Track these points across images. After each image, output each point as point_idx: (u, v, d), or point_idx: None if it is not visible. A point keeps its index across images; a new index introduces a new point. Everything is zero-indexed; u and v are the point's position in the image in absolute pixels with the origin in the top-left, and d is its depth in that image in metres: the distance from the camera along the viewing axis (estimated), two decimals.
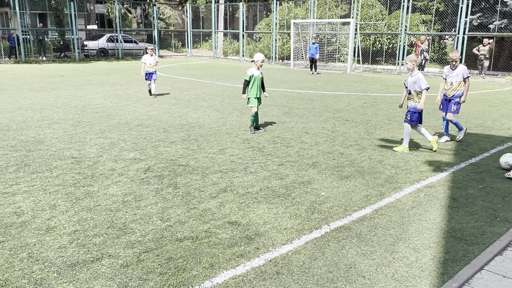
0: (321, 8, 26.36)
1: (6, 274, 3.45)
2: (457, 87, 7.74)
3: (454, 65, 7.76)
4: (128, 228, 4.28)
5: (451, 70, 7.79)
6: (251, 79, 8.15)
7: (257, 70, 8.20)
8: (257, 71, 8.20)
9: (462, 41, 19.72)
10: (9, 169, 6.01)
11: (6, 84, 15.16)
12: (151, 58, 12.63)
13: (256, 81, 8.18)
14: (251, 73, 8.14)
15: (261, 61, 8.19)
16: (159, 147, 7.25)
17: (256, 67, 8.19)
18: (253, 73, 8.15)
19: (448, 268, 3.66)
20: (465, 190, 5.51)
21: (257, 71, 8.21)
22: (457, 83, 7.72)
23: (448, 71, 7.86)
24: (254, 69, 8.19)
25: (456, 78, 7.72)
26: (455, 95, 7.75)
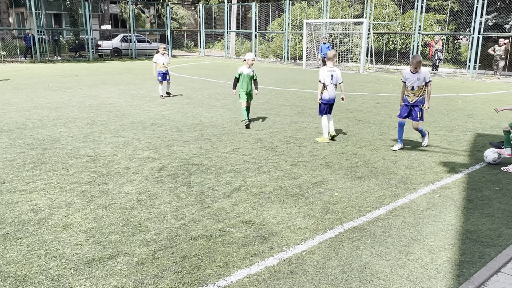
0: (334, 8, 26.26)
1: (24, 270, 3.51)
2: (418, 92, 7.07)
3: (415, 69, 6.97)
4: (143, 226, 4.32)
5: (412, 73, 7.03)
6: (240, 76, 8.77)
7: (247, 68, 8.78)
8: (247, 69, 8.78)
9: (477, 41, 19.49)
10: (26, 167, 6.11)
11: (22, 83, 15.37)
12: (163, 57, 12.35)
13: (245, 78, 8.75)
14: (240, 71, 8.78)
15: (251, 59, 8.74)
16: (173, 146, 7.30)
17: (247, 65, 8.77)
18: (243, 71, 8.76)
19: (464, 270, 3.63)
20: (480, 192, 5.46)
21: (248, 69, 8.78)
22: (418, 88, 7.05)
23: (408, 75, 7.09)
24: (244, 67, 8.79)
25: (417, 83, 7.00)
26: (417, 101, 7.11)
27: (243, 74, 8.77)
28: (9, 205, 4.77)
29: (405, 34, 23.63)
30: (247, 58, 8.76)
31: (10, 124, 8.85)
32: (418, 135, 8.31)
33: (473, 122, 9.65)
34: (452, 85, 16.93)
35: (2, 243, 3.94)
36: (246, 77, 8.77)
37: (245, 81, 8.78)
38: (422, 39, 22.11)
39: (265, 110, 10.78)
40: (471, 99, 13.14)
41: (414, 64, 6.95)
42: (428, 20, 23.32)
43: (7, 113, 10.00)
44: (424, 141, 7.58)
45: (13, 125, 8.73)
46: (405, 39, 24.18)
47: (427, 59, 22.96)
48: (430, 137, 8.20)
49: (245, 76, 8.77)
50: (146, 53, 30.40)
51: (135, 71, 20.73)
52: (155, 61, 12.40)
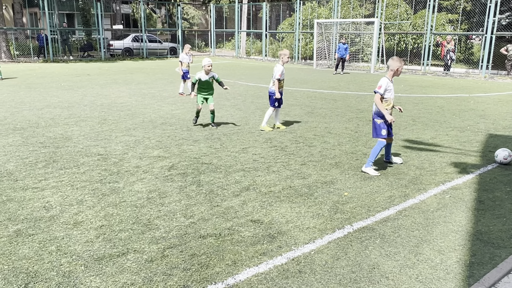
0: (345, 7, 26.16)
1: (36, 266, 3.56)
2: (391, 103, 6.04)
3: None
4: (153, 224, 4.35)
5: (391, 82, 5.95)
6: (200, 82, 8.50)
7: (205, 74, 8.44)
8: (205, 75, 8.45)
9: (490, 41, 19.27)
10: (38, 165, 6.18)
11: (35, 83, 15.56)
12: (187, 57, 12.96)
13: (204, 84, 8.51)
14: (198, 76, 8.46)
15: (207, 66, 8.34)
16: (183, 145, 7.34)
17: (204, 72, 8.41)
18: (200, 77, 8.45)
19: (474, 271, 3.60)
20: (492, 193, 5.40)
21: (205, 76, 8.45)
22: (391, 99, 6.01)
23: (390, 85, 5.93)
24: (202, 73, 8.45)
25: (393, 93, 6.02)
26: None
27: (201, 80, 8.49)
28: (21, 202, 4.84)
29: (417, 34, 23.45)
30: (203, 64, 8.36)
31: (23, 122, 8.97)
32: (430, 135, 8.26)
33: (485, 122, 9.55)
34: (464, 85, 16.77)
35: (15, 239, 4.00)
36: (206, 82, 8.52)
37: (204, 86, 8.54)
38: (434, 39, 21.92)
39: None
40: (483, 100, 13.00)
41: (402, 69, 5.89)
42: (440, 20, 23.12)
43: (20, 111, 10.14)
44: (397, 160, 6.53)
45: (26, 124, 8.84)
46: (417, 39, 24.00)
47: (439, 59, 22.78)
48: (442, 137, 8.14)
49: (204, 82, 8.51)
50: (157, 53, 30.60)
51: (146, 70, 20.87)
52: (181, 60, 13.01)
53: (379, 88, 5.79)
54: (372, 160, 6.01)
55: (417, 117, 10.10)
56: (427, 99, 12.86)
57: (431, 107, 11.50)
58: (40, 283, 3.34)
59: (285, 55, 8.33)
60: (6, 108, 10.58)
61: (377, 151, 5.97)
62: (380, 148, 5.98)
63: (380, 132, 5.95)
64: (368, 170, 6.01)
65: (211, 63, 8.40)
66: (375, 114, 5.96)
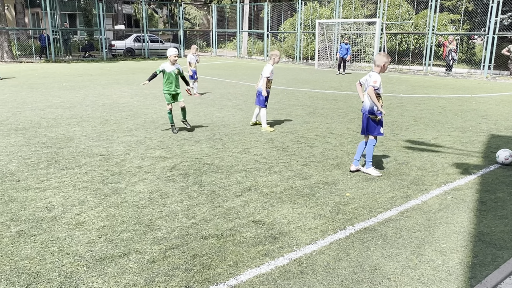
0: (347, 7, 26.14)
1: (38, 267, 3.57)
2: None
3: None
4: (155, 225, 4.36)
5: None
6: (163, 74, 7.97)
7: (171, 65, 7.95)
8: (170, 66, 7.95)
9: (492, 41, 19.24)
10: (41, 165, 6.20)
11: (37, 83, 15.59)
12: (194, 57, 13.08)
13: (169, 77, 7.98)
14: (162, 67, 7.95)
15: (173, 55, 7.87)
16: (185, 146, 7.34)
17: (170, 63, 7.95)
18: (165, 68, 7.94)
19: (476, 273, 3.60)
20: (494, 194, 5.39)
21: (171, 67, 7.96)
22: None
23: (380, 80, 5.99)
24: (167, 64, 7.98)
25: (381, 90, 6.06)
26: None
27: (165, 71, 7.93)
28: (23, 203, 4.85)
29: (419, 34, 23.42)
30: (168, 54, 7.95)
31: (25, 123, 8.99)
32: (432, 135, 8.25)
33: (487, 123, 9.54)
34: (466, 85, 16.74)
35: (17, 240, 4.01)
36: (170, 75, 7.96)
37: (169, 80, 7.99)
38: (436, 39, 21.89)
39: (276, 110, 10.79)
40: (485, 100, 12.98)
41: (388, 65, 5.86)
42: (442, 20, 23.09)
43: (22, 112, 10.16)
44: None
45: (28, 124, 8.86)
46: (419, 39, 23.98)
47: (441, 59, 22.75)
48: (443, 137, 8.13)
49: (169, 74, 7.95)
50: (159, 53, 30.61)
51: (148, 70, 20.87)
52: (190, 60, 13.13)
53: (374, 83, 5.71)
54: (370, 159, 6.00)
55: (419, 117, 10.09)
56: (429, 100, 12.85)
57: (433, 107, 11.49)
58: (42, 284, 3.34)
59: (276, 56, 8.41)
60: (8, 108, 10.60)
61: (372, 150, 5.97)
62: (374, 145, 5.99)
63: (379, 130, 5.91)
64: (369, 170, 6.00)
65: (177, 53, 8.03)
66: (369, 111, 5.84)
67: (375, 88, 5.71)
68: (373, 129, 5.91)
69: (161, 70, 7.96)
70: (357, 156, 6.11)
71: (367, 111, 5.86)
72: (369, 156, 5.98)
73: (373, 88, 5.69)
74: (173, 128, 8.29)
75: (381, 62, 5.71)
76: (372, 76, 5.78)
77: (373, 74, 5.78)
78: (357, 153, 6.11)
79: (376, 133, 5.92)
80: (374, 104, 5.75)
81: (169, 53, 7.94)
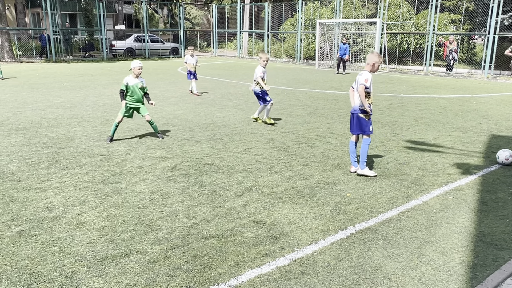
0: (347, 7, 26.14)
1: (39, 267, 3.57)
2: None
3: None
4: (155, 225, 4.36)
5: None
6: (128, 88, 7.43)
7: (134, 78, 7.44)
8: (134, 79, 7.44)
9: (493, 41, 19.22)
10: (41, 165, 6.20)
11: (37, 83, 15.60)
12: (192, 58, 13.16)
13: (134, 90, 7.45)
14: (126, 81, 7.40)
15: (138, 68, 7.40)
16: (185, 146, 7.34)
17: (133, 75, 7.42)
18: (128, 81, 7.41)
19: (477, 273, 3.59)
20: (495, 194, 5.39)
21: (135, 80, 7.45)
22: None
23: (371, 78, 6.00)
24: (130, 77, 7.44)
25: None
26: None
27: (129, 85, 7.41)
28: (24, 203, 4.85)
29: (419, 34, 23.42)
30: (132, 66, 7.41)
31: (26, 123, 8.99)
32: (433, 135, 8.25)
33: (487, 123, 9.53)
34: (466, 85, 16.73)
35: (18, 240, 4.01)
36: (134, 88, 7.43)
37: (134, 93, 7.45)
38: (436, 39, 21.88)
39: (277, 110, 10.79)
40: (486, 100, 12.97)
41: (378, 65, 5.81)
42: (442, 20, 23.08)
43: (23, 112, 10.16)
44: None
45: (29, 124, 8.86)
46: (419, 39, 23.97)
47: (442, 59, 22.74)
48: (444, 138, 8.12)
49: (133, 87, 7.43)
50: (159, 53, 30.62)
51: (148, 71, 20.88)
52: (186, 61, 13.30)
53: (365, 81, 5.67)
54: (365, 160, 5.94)
55: (419, 117, 10.09)
56: (429, 100, 12.84)
57: (434, 107, 11.48)
58: (43, 284, 3.34)
59: (261, 60, 8.74)
60: (8, 108, 10.61)
61: (367, 150, 5.92)
62: (368, 145, 5.95)
63: (368, 129, 5.87)
64: (365, 171, 5.96)
65: (142, 65, 7.54)
66: (358, 109, 5.83)
67: (366, 87, 5.70)
68: (365, 128, 5.87)
69: (125, 84, 7.42)
70: (353, 157, 6.09)
71: (358, 110, 5.85)
72: (364, 156, 5.92)
73: (363, 86, 5.68)
74: (110, 138, 7.62)
75: (371, 61, 5.72)
76: (363, 74, 5.76)
77: (364, 73, 5.77)
78: (352, 154, 6.10)
79: (369, 131, 5.90)
80: (362, 103, 5.75)
81: (133, 65, 7.42)
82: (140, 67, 7.45)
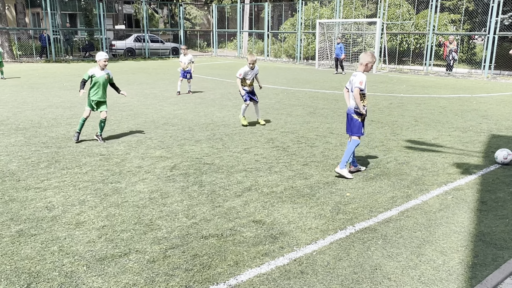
0: (347, 7, 26.13)
1: (38, 266, 3.56)
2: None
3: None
4: (155, 225, 4.35)
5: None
6: (92, 79, 7.27)
7: (100, 70, 7.29)
8: (100, 71, 7.29)
9: (493, 41, 19.22)
10: (41, 165, 6.19)
11: (37, 83, 15.59)
12: (185, 57, 13.19)
13: (98, 83, 7.30)
14: (91, 72, 7.25)
15: (103, 60, 7.23)
16: (185, 146, 7.34)
17: (99, 67, 7.28)
18: (95, 73, 7.25)
19: (477, 272, 3.59)
20: (494, 193, 5.39)
21: (101, 72, 7.29)
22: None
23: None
24: (97, 69, 7.29)
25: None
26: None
27: (95, 76, 7.25)
28: (24, 202, 4.85)
29: (419, 34, 23.41)
30: (98, 58, 7.23)
31: (26, 122, 8.99)
32: (432, 135, 8.25)
33: (487, 123, 9.53)
34: (466, 85, 16.73)
35: (17, 239, 4.01)
36: (100, 80, 7.28)
37: (97, 86, 7.31)
38: (436, 39, 21.88)
39: (277, 110, 10.78)
40: (485, 100, 12.97)
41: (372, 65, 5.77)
42: (442, 20, 23.08)
43: (23, 111, 10.16)
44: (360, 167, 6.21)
45: (29, 124, 8.86)
46: (419, 39, 23.96)
47: (442, 59, 22.74)
48: (444, 137, 8.12)
49: (99, 79, 7.27)
50: (159, 53, 30.61)
51: (148, 70, 20.88)
52: (181, 60, 13.32)
53: (360, 84, 5.60)
54: (346, 160, 5.82)
55: (419, 117, 10.08)
56: (429, 100, 12.84)
57: (433, 107, 11.48)
58: (42, 283, 3.34)
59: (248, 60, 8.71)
60: (8, 108, 10.60)
61: (352, 150, 5.82)
62: (356, 147, 5.87)
63: (360, 130, 5.82)
64: (343, 172, 5.79)
65: (107, 57, 7.36)
66: (353, 110, 5.79)
67: (361, 89, 5.64)
68: (356, 129, 5.81)
69: (90, 75, 7.24)
70: (351, 158, 6.00)
71: (353, 111, 5.80)
72: (346, 156, 5.81)
73: (359, 89, 5.61)
74: (77, 135, 7.50)
75: (365, 61, 5.65)
76: (357, 76, 5.68)
77: (358, 74, 5.70)
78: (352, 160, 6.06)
79: (359, 134, 5.83)
80: (357, 105, 5.69)
81: (99, 57, 7.24)
82: (105, 59, 7.28)
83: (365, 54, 5.73)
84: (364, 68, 5.70)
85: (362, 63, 5.70)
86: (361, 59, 5.74)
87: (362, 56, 5.75)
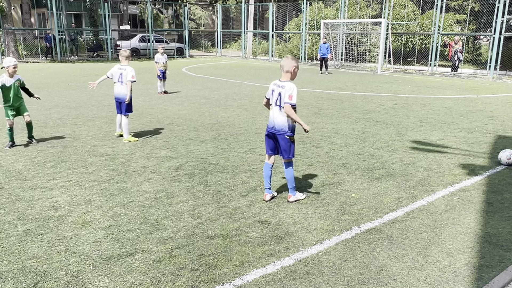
0: (352, 8, 26.08)
1: (45, 266, 3.58)
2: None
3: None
4: (161, 225, 4.36)
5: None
6: (3, 89, 6.94)
7: (9, 78, 6.95)
8: (9, 79, 6.95)
9: (498, 41, 19.13)
10: (47, 165, 6.22)
11: (43, 82, 15.67)
12: (162, 57, 13.17)
13: (9, 91, 6.96)
14: (1, 82, 6.89)
15: (12, 67, 6.89)
16: (190, 146, 7.35)
17: (7, 75, 6.93)
18: (4, 82, 6.90)
19: (483, 274, 3.58)
20: (501, 195, 5.36)
21: (10, 79, 6.95)
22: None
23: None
24: (5, 77, 6.93)
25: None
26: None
27: (5, 86, 6.92)
28: (30, 202, 4.88)
29: (424, 34, 23.34)
30: (6, 65, 6.87)
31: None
32: (438, 136, 8.22)
33: (493, 123, 9.49)
34: (472, 86, 16.66)
35: (24, 239, 4.03)
36: (10, 89, 6.96)
37: (10, 94, 6.96)
38: (441, 39, 21.80)
39: None
40: (491, 100, 12.91)
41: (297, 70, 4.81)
42: (448, 20, 22.99)
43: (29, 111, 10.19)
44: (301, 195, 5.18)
45: (34, 124, 8.87)
46: (424, 39, 23.88)
47: (447, 59, 22.65)
48: (449, 138, 8.09)
49: (9, 88, 6.96)
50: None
51: (152, 71, 20.90)
52: (157, 60, 13.26)
53: (290, 99, 4.59)
54: (294, 184, 5.02)
55: (424, 118, 10.05)
56: (434, 100, 12.79)
57: (439, 108, 11.44)
58: (49, 283, 3.36)
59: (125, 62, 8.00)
60: None
61: (293, 173, 4.99)
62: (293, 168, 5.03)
63: (294, 151, 4.93)
64: (297, 197, 5.04)
65: (16, 63, 7.01)
66: (288, 129, 4.77)
67: (293, 105, 4.64)
68: (288, 152, 4.85)
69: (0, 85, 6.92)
70: (268, 184, 5.05)
71: (284, 130, 4.77)
72: (292, 181, 4.97)
73: (290, 105, 4.61)
74: (11, 144, 7.21)
75: (290, 67, 4.68)
76: (286, 87, 4.64)
77: (287, 85, 4.65)
78: (266, 180, 5.04)
79: (292, 156, 4.90)
80: (297, 122, 4.71)
81: (6, 64, 6.87)
82: (14, 65, 6.91)
83: (287, 59, 4.75)
84: (291, 76, 4.74)
85: (288, 70, 4.70)
86: (285, 66, 4.70)
87: (285, 63, 4.71)
